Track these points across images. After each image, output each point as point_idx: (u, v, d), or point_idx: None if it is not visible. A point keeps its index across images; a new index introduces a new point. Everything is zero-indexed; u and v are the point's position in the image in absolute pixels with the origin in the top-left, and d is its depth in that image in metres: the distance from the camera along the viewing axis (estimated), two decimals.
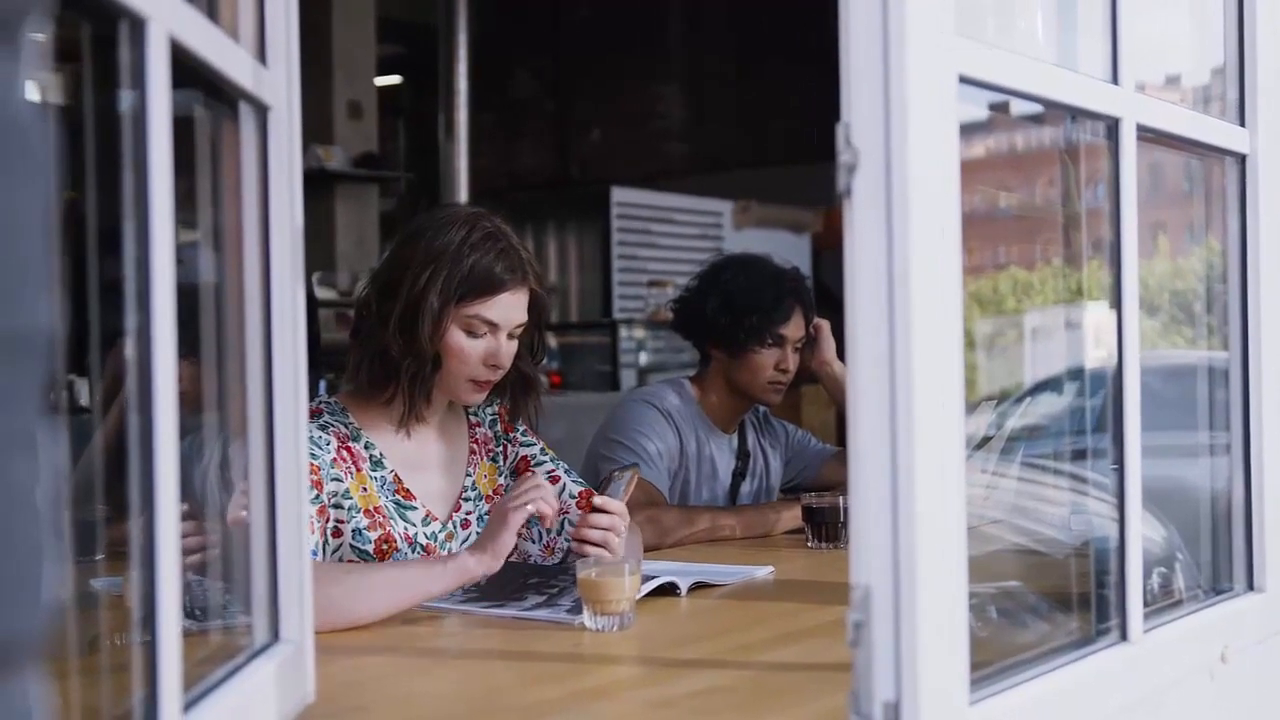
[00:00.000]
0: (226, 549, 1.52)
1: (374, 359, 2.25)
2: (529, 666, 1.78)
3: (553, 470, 2.44)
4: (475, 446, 2.42)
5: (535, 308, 2.31)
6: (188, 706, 1.11)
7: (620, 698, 1.65)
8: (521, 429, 2.47)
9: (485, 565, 2.02)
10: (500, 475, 2.44)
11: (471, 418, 2.45)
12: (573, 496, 2.40)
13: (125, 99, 1.04)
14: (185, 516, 1.11)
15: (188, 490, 1.12)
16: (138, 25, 1.02)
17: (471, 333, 2.23)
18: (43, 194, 0.63)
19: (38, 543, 0.62)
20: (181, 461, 1.08)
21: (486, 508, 2.38)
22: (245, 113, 1.37)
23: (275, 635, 1.41)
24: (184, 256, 1.14)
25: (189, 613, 1.27)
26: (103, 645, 1.33)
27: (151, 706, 1.03)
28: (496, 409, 2.47)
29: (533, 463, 2.44)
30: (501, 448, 2.45)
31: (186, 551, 1.16)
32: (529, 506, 2.05)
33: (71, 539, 1.05)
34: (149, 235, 1.03)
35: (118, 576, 1.47)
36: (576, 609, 1.96)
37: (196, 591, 1.45)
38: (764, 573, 2.42)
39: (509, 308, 2.25)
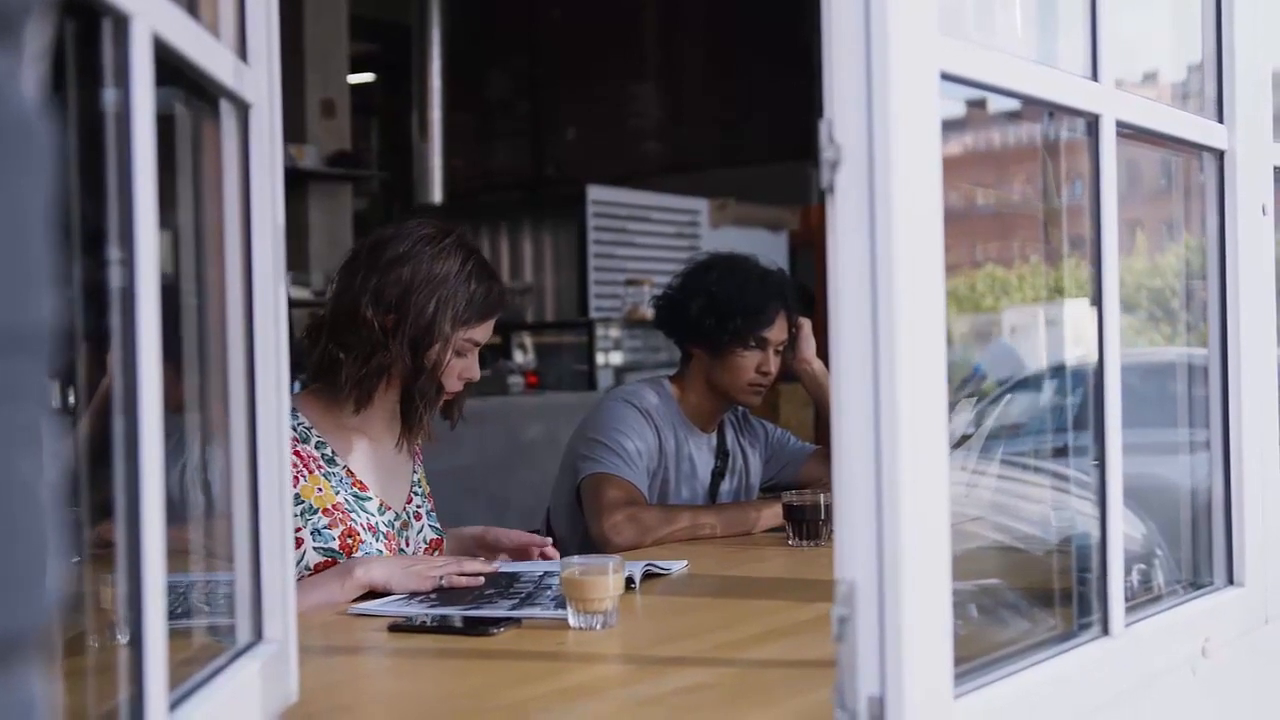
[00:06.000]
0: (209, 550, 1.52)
1: (376, 375, 2.34)
2: (513, 665, 1.78)
3: (422, 507, 2.56)
4: (417, 449, 2.56)
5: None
6: (173, 706, 1.11)
7: (605, 695, 1.64)
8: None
9: (378, 574, 2.17)
10: (426, 482, 2.59)
11: None
12: (425, 541, 2.50)
13: (108, 96, 1.04)
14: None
15: (168, 493, 1.12)
16: (121, 22, 1.01)
17: (459, 353, 2.38)
18: (45, 191, 0.63)
19: (43, 537, 0.63)
20: (163, 464, 1.08)
21: (430, 504, 2.54)
22: (226, 110, 1.36)
23: (259, 635, 1.40)
24: (162, 256, 1.13)
25: (171, 612, 1.26)
26: (85, 647, 1.32)
27: (138, 706, 1.02)
28: None
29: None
30: (422, 460, 2.61)
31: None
32: (442, 581, 2.19)
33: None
34: (133, 234, 1.03)
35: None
36: (561, 604, 1.96)
37: (176, 591, 1.45)
38: (679, 567, 2.44)
39: (491, 329, 2.44)
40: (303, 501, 2.27)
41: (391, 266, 2.33)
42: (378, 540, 2.34)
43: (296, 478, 2.26)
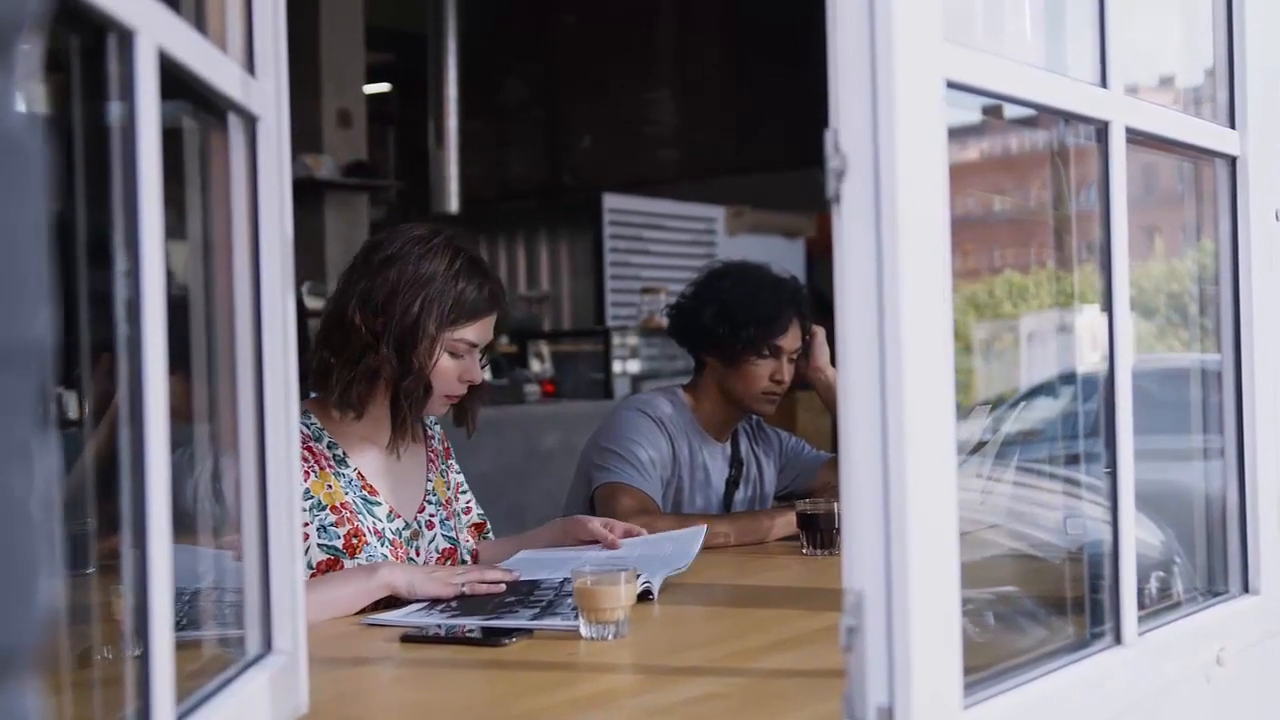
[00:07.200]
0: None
1: (365, 378, 2.33)
2: (524, 676, 1.78)
3: (469, 502, 2.64)
4: (432, 456, 2.56)
5: (499, 326, 2.47)
6: (181, 718, 1.11)
7: (616, 706, 1.64)
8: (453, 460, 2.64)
9: (400, 578, 2.17)
10: (449, 489, 2.57)
11: (426, 429, 2.57)
12: (437, 551, 2.50)
13: (113, 110, 1.04)
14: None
15: (179, 504, 1.12)
16: (126, 37, 1.02)
17: (454, 354, 2.37)
18: (39, 206, 0.63)
19: (35, 554, 0.63)
20: (173, 475, 1.08)
21: (445, 513, 2.52)
22: (234, 123, 1.37)
23: (268, 646, 1.40)
24: (173, 268, 1.14)
25: (180, 624, 1.26)
26: (95, 659, 1.32)
27: (145, 718, 1.02)
28: (440, 427, 2.62)
29: (461, 489, 2.62)
30: (447, 465, 2.60)
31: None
32: (464, 589, 2.20)
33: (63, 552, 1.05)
34: (139, 247, 1.03)
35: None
36: (576, 616, 1.95)
37: (185, 601, 1.45)
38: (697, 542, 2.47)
39: (488, 329, 2.41)
40: (312, 497, 2.27)
41: (381, 268, 2.34)
42: (383, 545, 2.34)
43: (307, 473, 2.27)
